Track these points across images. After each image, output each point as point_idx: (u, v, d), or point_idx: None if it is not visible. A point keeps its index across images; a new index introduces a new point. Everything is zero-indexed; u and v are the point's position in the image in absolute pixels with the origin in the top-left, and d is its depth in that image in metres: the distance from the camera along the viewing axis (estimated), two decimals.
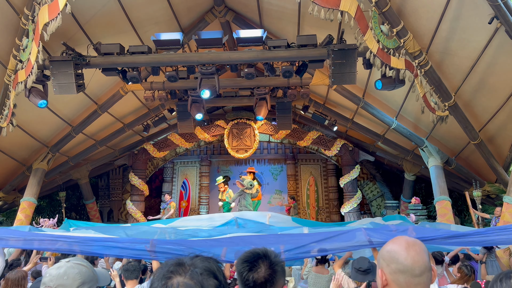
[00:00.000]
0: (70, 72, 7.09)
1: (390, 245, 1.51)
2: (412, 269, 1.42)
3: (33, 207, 10.23)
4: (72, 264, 1.61)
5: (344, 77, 6.84)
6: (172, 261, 1.14)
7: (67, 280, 1.55)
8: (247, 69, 7.78)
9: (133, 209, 12.85)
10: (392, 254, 1.47)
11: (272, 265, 1.63)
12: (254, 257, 1.65)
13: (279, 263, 1.66)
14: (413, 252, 1.44)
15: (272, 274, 1.62)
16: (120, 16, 7.96)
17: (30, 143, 10.12)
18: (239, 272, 1.64)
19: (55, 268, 1.59)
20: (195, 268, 1.10)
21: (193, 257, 1.15)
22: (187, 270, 1.10)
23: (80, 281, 1.58)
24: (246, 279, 1.61)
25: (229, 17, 9.32)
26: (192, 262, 1.13)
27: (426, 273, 1.43)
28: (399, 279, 1.43)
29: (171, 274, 1.09)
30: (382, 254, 1.51)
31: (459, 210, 11.67)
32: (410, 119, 9.54)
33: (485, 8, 5.60)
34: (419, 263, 1.43)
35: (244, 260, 1.65)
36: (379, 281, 1.49)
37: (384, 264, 1.49)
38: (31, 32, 6.74)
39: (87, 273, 1.62)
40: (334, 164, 14.37)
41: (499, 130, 8.14)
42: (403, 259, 1.43)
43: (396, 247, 1.48)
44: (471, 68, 6.85)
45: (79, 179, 13.01)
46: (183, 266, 1.11)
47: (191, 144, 13.44)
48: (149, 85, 9.64)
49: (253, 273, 1.61)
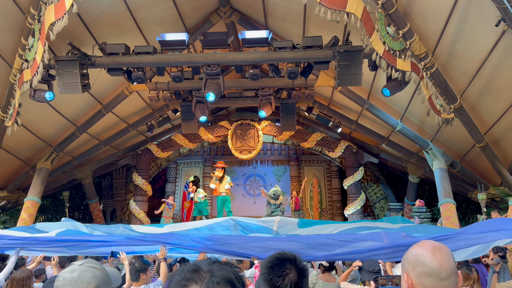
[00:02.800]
0: (76, 72, 7.11)
1: (415, 248, 1.50)
2: (439, 272, 1.40)
3: (37, 207, 10.24)
4: (86, 268, 1.58)
5: (350, 79, 6.82)
6: (188, 267, 1.10)
7: (81, 284, 1.53)
8: (252, 70, 7.77)
9: (136, 209, 12.87)
10: (418, 257, 1.45)
11: (301, 270, 1.61)
12: (283, 261, 1.61)
13: (306, 267, 1.65)
14: (440, 255, 1.43)
15: (301, 278, 1.59)
16: (125, 16, 7.97)
17: (35, 143, 10.14)
18: (266, 276, 1.59)
19: (69, 272, 1.56)
20: (212, 277, 1.06)
21: (211, 263, 1.10)
22: (204, 278, 1.05)
23: (95, 284, 1.55)
24: (280, 285, 1.56)
25: (234, 18, 9.31)
26: (209, 269, 1.08)
27: (452, 277, 1.41)
28: (425, 282, 1.41)
29: (187, 282, 1.05)
30: (408, 257, 1.50)
31: (463, 213, 11.61)
32: (415, 121, 9.50)
33: (492, 11, 5.57)
34: (445, 266, 1.41)
35: (272, 264, 1.61)
36: (404, 285, 1.47)
37: (409, 268, 1.47)
38: (37, 32, 6.75)
39: (101, 276, 1.60)
40: (338, 166, 14.33)
41: (505, 133, 8.09)
42: (429, 262, 1.42)
43: (422, 251, 1.46)
44: (477, 70, 6.81)
45: (83, 179, 13.03)
46: (199, 272, 1.07)
47: (194, 145, 13.44)
48: (153, 86, 9.64)
49: (283, 278, 1.57)
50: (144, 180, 13.22)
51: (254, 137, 12.76)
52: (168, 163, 14.85)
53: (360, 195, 12.81)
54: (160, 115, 11.71)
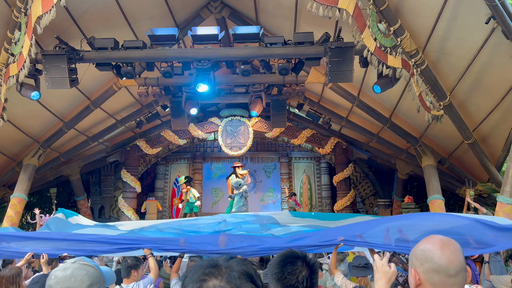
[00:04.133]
0: (64, 67, 6.96)
1: (424, 244, 1.47)
2: (447, 268, 1.38)
3: (24, 204, 10.06)
4: (79, 265, 1.54)
5: (341, 75, 6.82)
6: (206, 262, 1.09)
7: (74, 282, 1.48)
8: (243, 66, 7.72)
9: (125, 206, 12.73)
10: (426, 253, 1.43)
11: (312, 266, 1.62)
12: (295, 259, 1.62)
13: (317, 263, 1.65)
14: (448, 251, 1.41)
15: (312, 274, 1.60)
16: (114, 10, 7.84)
17: (21, 138, 9.96)
18: (280, 276, 1.60)
19: (61, 270, 1.52)
20: (232, 272, 1.06)
21: (229, 259, 1.10)
22: (224, 273, 1.05)
23: (88, 282, 1.51)
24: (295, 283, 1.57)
25: (225, 13, 9.24)
26: (228, 264, 1.08)
27: (461, 273, 1.40)
28: (433, 278, 1.40)
29: (206, 277, 1.05)
30: (416, 253, 1.47)
31: (451, 209, 11.74)
32: (404, 118, 9.56)
33: (482, 8, 5.61)
34: (454, 262, 1.39)
35: (284, 265, 1.62)
36: (412, 281, 1.45)
37: (417, 263, 1.45)
38: (23, 25, 6.60)
39: (95, 274, 1.55)
40: (328, 162, 14.38)
41: (493, 130, 8.19)
42: (438, 258, 1.40)
43: (431, 246, 1.44)
44: (467, 68, 6.87)
45: (70, 175, 12.84)
46: (218, 268, 1.07)
47: (184, 141, 13.34)
48: (143, 81, 9.52)
49: (300, 274, 1.58)
50: (133, 177, 13.08)
51: (244, 134, 12.71)
52: (157, 159, 14.71)
53: (349, 192, 12.89)
54: (149, 111, 11.59)
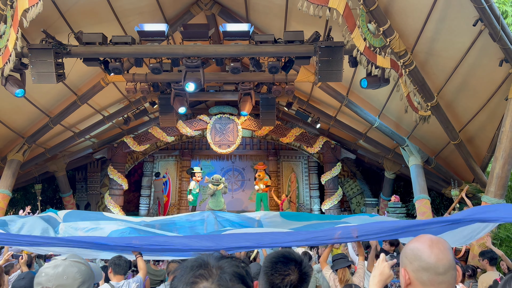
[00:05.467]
0: (50, 61, 6.83)
1: (413, 243, 1.49)
2: (436, 267, 1.39)
3: (8, 200, 9.90)
4: (70, 262, 1.50)
5: (331, 75, 6.83)
6: (195, 262, 1.04)
7: (67, 280, 1.45)
8: (233, 63, 7.69)
9: (112, 203, 12.61)
10: (415, 252, 1.45)
11: (304, 274, 1.59)
12: (288, 260, 1.59)
13: (310, 273, 1.62)
14: (437, 250, 1.42)
15: (301, 282, 1.57)
16: (103, 5, 7.73)
17: (5, 134, 9.77)
18: (268, 271, 1.57)
19: (52, 267, 1.48)
20: (223, 274, 1.01)
21: (219, 259, 1.06)
22: (215, 274, 1.01)
23: (81, 280, 1.48)
24: (279, 284, 1.54)
25: (215, 10, 9.18)
26: (219, 265, 1.04)
27: (450, 271, 1.41)
28: (423, 277, 1.41)
29: (197, 279, 1.00)
30: (405, 252, 1.48)
31: (437, 209, 11.89)
32: (392, 118, 9.64)
33: (470, 10, 5.68)
34: (443, 261, 1.40)
35: (277, 260, 1.59)
36: (402, 280, 1.46)
37: (407, 262, 1.46)
38: (9, 18, 6.46)
39: (86, 271, 1.53)
40: (316, 161, 14.44)
41: (478, 131, 8.31)
42: (427, 256, 1.41)
43: (420, 245, 1.45)
44: (454, 69, 6.96)
45: (56, 172, 12.66)
46: (209, 269, 1.02)
47: (172, 138, 13.26)
48: (131, 77, 9.42)
49: (283, 277, 1.55)
50: (120, 174, 12.95)
51: (233, 132, 12.68)
52: (144, 156, 14.60)
53: (337, 190, 12.99)
54: (137, 108, 11.48)
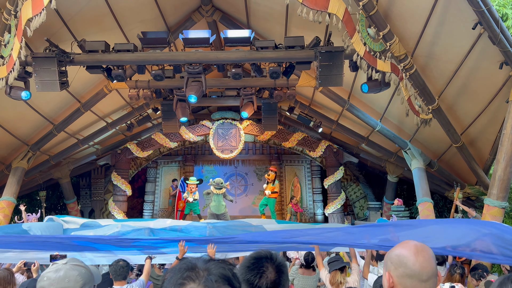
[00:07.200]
0: (54, 69, 6.92)
1: (398, 249, 1.52)
2: (420, 274, 1.44)
3: (12, 207, 9.97)
4: (71, 266, 1.55)
5: (331, 79, 6.88)
6: (184, 265, 1.08)
7: (68, 283, 1.49)
8: (234, 69, 7.74)
9: (116, 209, 12.66)
10: (401, 258, 1.49)
11: (278, 266, 1.61)
12: (259, 260, 1.61)
13: (284, 263, 1.64)
14: (422, 257, 1.47)
15: (279, 275, 1.59)
16: (105, 13, 7.83)
17: (10, 141, 9.87)
18: (246, 278, 1.58)
19: (53, 271, 1.52)
20: (210, 275, 1.05)
21: (207, 261, 1.09)
22: (201, 276, 1.04)
23: (82, 282, 1.52)
24: (255, 285, 1.56)
25: (216, 17, 9.27)
26: (206, 267, 1.07)
27: (432, 279, 1.46)
28: (406, 283, 1.45)
29: (184, 281, 1.04)
30: (391, 257, 1.53)
31: (440, 212, 11.87)
32: (394, 121, 9.66)
33: (469, 14, 5.71)
34: (427, 269, 1.45)
35: (250, 264, 1.60)
36: (386, 283, 1.50)
37: (392, 267, 1.51)
38: (13, 27, 6.56)
39: (87, 273, 1.57)
40: (319, 165, 14.45)
41: (480, 134, 8.33)
42: (412, 264, 1.46)
43: (405, 252, 1.49)
44: (455, 72, 6.99)
45: (60, 178, 12.74)
46: (196, 271, 1.05)
47: (175, 144, 13.32)
48: (134, 84, 9.50)
49: (262, 277, 1.56)
50: (124, 180, 13.01)
51: (236, 137, 12.73)
52: (148, 162, 14.65)
53: (340, 194, 12.98)
54: (140, 114, 11.55)
